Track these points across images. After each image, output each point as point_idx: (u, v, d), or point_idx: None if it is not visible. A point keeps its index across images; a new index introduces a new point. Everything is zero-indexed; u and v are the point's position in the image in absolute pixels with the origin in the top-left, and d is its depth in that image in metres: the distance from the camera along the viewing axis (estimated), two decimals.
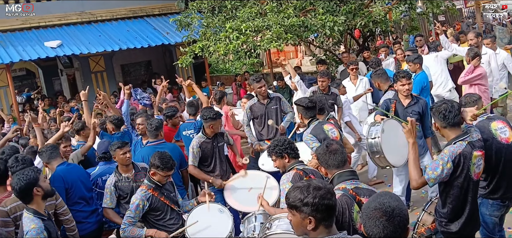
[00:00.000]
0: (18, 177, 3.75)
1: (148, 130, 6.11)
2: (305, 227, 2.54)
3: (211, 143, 5.77)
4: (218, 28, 10.92)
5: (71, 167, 5.37)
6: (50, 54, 12.73)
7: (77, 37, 13.77)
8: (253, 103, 6.80)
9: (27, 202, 3.77)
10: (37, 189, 3.74)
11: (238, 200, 5.20)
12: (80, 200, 5.20)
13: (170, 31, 14.29)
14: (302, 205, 2.52)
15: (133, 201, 4.50)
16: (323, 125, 5.17)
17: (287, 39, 9.44)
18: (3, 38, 13.25)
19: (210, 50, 10.29)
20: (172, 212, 4.67)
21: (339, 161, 3.43)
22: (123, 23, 15.04)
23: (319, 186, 2.58)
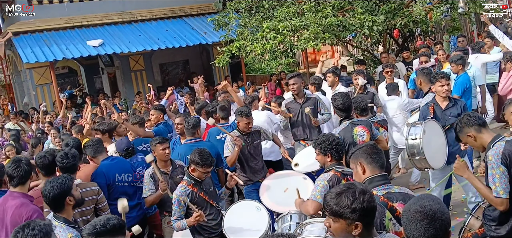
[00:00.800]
0: (51, 185, 3.64)
1: (186, 128, 6.18)
2: (350, 233, 2.48)
3: (245, 140, 5.79)
4: (255, 27, 10.96)
5: (115, 161, 5.46)
6: (92, 52, 13.12)
7: (118, 36, 14.12)
8: (289, 101, 6.76)
9: (57, 211, 3.66)
10: (69, 198, 3.65)
11: (273, 199, 5.16)
12: (123, 195, 5.22)
13: (207, 31, 14.46)
14: (349, 212, 2.45)
15: (174, 197, 4.59)
16: (354, 127, 5.09)
17: (324, 39, 9.37)
18: (47, 37, 13.74)
19: (247, 49, 10.33)
20: (211, 208, 4.73)
21: (378, 164, 3.36)
22: (162, 23, 15.32)
23: (363, 190, 2.52)
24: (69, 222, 3.63)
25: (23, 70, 15.80)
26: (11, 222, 3.99)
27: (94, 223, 2.81)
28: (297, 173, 5.49)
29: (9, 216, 4.01)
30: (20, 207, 4.03)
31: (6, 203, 4.12)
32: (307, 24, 9.37)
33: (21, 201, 4.10)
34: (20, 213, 3.96)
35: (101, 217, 2.89)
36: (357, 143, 4.94)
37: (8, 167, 4.24)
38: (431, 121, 5.20)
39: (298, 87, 6.57)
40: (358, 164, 3.38)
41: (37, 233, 2.79)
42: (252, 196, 5.55)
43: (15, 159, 4.37)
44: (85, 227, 2.84)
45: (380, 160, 3.36)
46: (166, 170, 5.27)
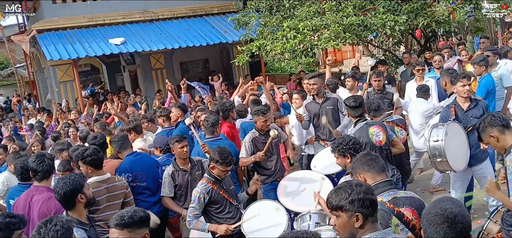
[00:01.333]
0: (64, 181, 3.64)
1: (205, 126, 6.19)
2: (352, 226, 2.55)
3: (263, 139, 5.79)
4: (275, 27, 10.95)
5: (139, 157, 5.52)
6: (114, 51, 13.27)
7: (140, 35, 14.26)
8: (308, 101, 6.71)
9: (68, 208, 3.66)
10: (81, 196, 3.64)
11: (291, 199, 5.15)
12: (145, 190, 5.35)
13: (228, 30, 14.51)
14: (348, 203, 2.54)
15: (194, 194, 4.60)
16: (369, 127, 5.02)
17: (345, 38, 9.30)
18: (70, 35, 13.96)
19: (267, 49, 10.33)
20: (230, 206, 4.73)
21: (376, 170, 3.35)
22: (183, 22, 15.43)
23: (360, 183, 2.64)
24: (80, 222, 3.63)
25: (46, 68, 16.08)
26: (39, 215, 4.04)
27: (121, 214, 2.93)
28: (315, 173, 5.46)
29: (37, 210, 4.08)
30: (48, 201, 4.11)
31: (31, 197, 4.19)
32: (327, 23, 9.32)
33: (48, 194, 4.18)
34: (48, 206, 4.04)
35: (127, 208, 3.01)
36: (373, 142, 4.88)
37: (33, 162, 4.31)
38: (453, 122, 5.12)
39: (318, 88, 6.49)
40: (359, 176, 3.40)
41: (59, 228, 2.83)
42: (270, 195, 5.54)
43: (39, 154, 4.45)
44: (113, 218, 2.95)
45: (377, 165, 3.36)
46: (185, 167, 5.30)
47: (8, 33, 24.59)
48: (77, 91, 13.63)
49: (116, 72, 19.22)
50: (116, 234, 2.91)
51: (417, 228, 3.10)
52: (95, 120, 9.35)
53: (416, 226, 3.10)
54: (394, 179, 4.83)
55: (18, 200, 4.35)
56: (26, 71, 23.55)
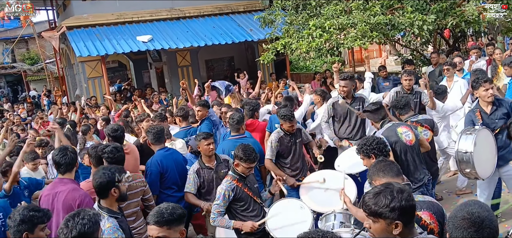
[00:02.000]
0: (102, 171, 3.75)
1: (230, 124, 6.22)
2: (390, 233, 2.47)
3: (289, 138, 5.79)
4: (301, 25, 10.90)
5: (170, 152, 5.60)
6: (142, 48, 13.47)
7: (167, 32, 14.43)
8: (336, 100, 6.69)
9: (101, 197, 3.75)
10: (115, 190, 3.72)
11: (313, 199, 5.10)
12: (173, 185, 5.44)
13: (253, 28, 14.54)
14: (388, 210, 2.44)
15: (219, 191, 4.61)
16: (398, 127, 4.95)
17: (372, 37, 9.19)
18: (99, 32, 14.22)
19: (293, 47, 10.30)
20: (255, 204, 4.73)
21: (391, 175, 3.34)
22: (210, 20, 15.53)
23: (401, 188, 2.51)
24: (112, 211, 3.71)
25: (76, 64, 16.43)
26: (63, 206, 4.11)
27: (161, 211, 2.92)
28: (338, 172, 5.42)
29: (61, 201, 4.13)
30: (72, 191, 4.17)
31: (56, 189, 4.25)
32: (354, 22, 9.24)
33: (72, 186, 4.26)
34: (73, 197, 4.10)
35: (166, 205, 2.99)
36: (404, 142, 4.82)
37: (56, 155, 4.36)
38: (483, 129, 4.97)
39: (348, 90, 6.52)
40: (375, 182, 3.40)
41: (87, 222, 2.88)
42: (292, 194, 5.51)
43: (62, 147, 4.49)
44: (151, 215, 2.92)
45: (392, 170, 3.38)
46: (211, 164, 5.34)
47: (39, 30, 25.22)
48: (105, 87, 13.87)
49: (143, 69, 19.49)
50: (155, 231, 2.90)
51: (436, 232, 3.07)
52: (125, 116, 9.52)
53: (434, 230, 3.07)
54: (426, 180, 4.78)
55: (42, 192, 4.44)
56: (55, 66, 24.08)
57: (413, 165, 4.77)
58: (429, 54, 11.72)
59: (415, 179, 4.70)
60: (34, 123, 12.21)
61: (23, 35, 29.44)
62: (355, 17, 9.38)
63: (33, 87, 28.44)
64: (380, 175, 3.39)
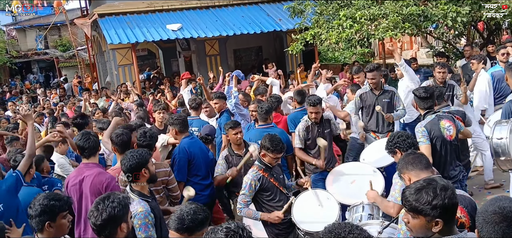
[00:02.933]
0: (131, 154, 3.81)
1: (258, 113, 6.23)
2: (430, 230, 2.42)
3: (316, 128, 5.76)
4: (331, 15, 10.77)
5: (194, 140, 5.66)
6: (171, 36, 13.57)
7: (196, 21, 14.49)
8: (364, 92, 6.61)
9: (133, 180, 3.80)
10: (145, 170, 3.78)
11: (339, 190, 5.08)
12: (199, 172, 5.48)
13: (282, 18, 14.45)
14: (430, 208, 2.39)
15: (245, 181, 4.63)
16: (441, 120, 4.84)
17: (404, 28, 9.00)
18: (130, 19, 14.39)
19: (322, 38, 10.21)
20: (281, 194, 4.72)
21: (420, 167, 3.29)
22: (239, 9, 15.51)
23: (445, 185, 2.45)
24: (143, 195, 3.76)
25: (106, 51, 16.69)
26: (91, 190, 4.18)
27: (181, 217, 2.78)
28: (366, 165, 5.37)
29: (89, 185, 4.20)
30: (99, 175, 4.23)
31: (82, 174, 4.31)
32: (386, 13, 9.07)
33: (98, 170, 4.32)
34: (99, 181, 4.15)
35: (188, 209, 2.83)
36: (444, 136, 4.72)
37: (79, 140, 4.40)
38: None
39: (376, 82, 6.41)
40: (404, 176, 3.38)
41: (116, 205, 2.93)
42: (318, 185, 5.49)
43: (85, 132, 4.54)
44: (173, 219, 2.81)
45: (421, 163, 3.34)
46: (240, 152, 5.39)
47: (71, 17, 25.73)
48: (135, 75, 14.06)
49: (171, 57, 19.66)
50: (176, 236, 2.81)
51: (467, 226, 3.01)
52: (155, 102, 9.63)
53: (465, 224, 3.01)
54: (461, 176, 4.70)
55: (69, 178, 4.49)
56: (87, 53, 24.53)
57: (449, 160, 4.70)
58: (462, 47, 11.45)
59: (450, 174, 4.62)
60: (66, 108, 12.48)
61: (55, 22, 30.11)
62: (387, 8, 9.21)
63: (64, 74, 29.08)
64: (409, 167, 3.36)
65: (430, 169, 3.40)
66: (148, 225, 3.60)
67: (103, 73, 19.24)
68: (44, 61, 33.72)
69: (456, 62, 10.75)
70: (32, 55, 32.75)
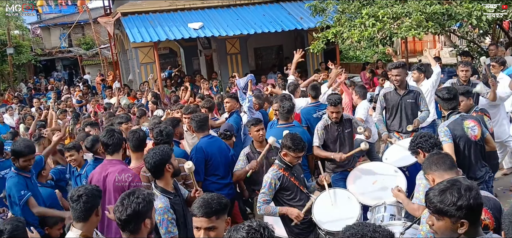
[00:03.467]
0: (154, 151, 3.87)
1: (280, 112, 6.22)
2: (455, 232, 2.40)
3: (336, 128, 5.72)
4: (353, 14, 10.70)
5: (213, 139, 5.66)
6: (193, 35, 13.65)
7: (217, 20, 14.55)
8: (388, 91, 6.53)
9: (157, 177, 3.89)
10: (168, 166, 3.85)
11: (360, 190, 5.04)
12: (217, 172, 5.48)
13: (304, 17, 14.40)
14: (455, 209, 2.37)
15: (266, 179, 4.60)
16: (464, 120, 4.77)
17: (427, 27, 8.88)
18: (152, 18, 14.53)
19: (344, 36, 10.14)
20: (301, 193, 4.70)
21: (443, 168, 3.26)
22: (260, 8, 15.51)
23: (469, 186, 2.42)
24: (165, 191, 3.84)
25: (129, 49, 16.89)
26: (114, 186, 4.27)
27: (207, 201, 2.89)
28: (388, 165, 5.32)
29: (112, 182, 4.28)
30: (122, 172, 4.31)
31: (106, 170, 4.40)
32: (409, 11, 8.96)
33: (121, 167, 4.40)
34: (122, 177, 4.24)
35: (210, 195, 2.98)
36: (468, 136, 4.66)
37: (103, 137, 4.51)
38: None
39: (401, 79, 6.31)
40: (428, 176, 3.36)
41: (141, 201, 2.98)
42: (339, 184, 5.46)
43: (109, 129, 4.66)
44: (198, 206, 2.90)
45: (445, 163, 3.31)
46: (261, 150, 5.39)
47: (94, 15, 26.12)
48: (157, 73, 14.20)
49: (192, 56, 19.77)
50: (204, 222, 2.87)
51: (491, 228, 2.97)
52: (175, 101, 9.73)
53: (489, 226, 2.97)
54: (487, 177, 4.63)
55: (92, 174, 4.58)
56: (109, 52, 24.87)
57: (474, 161, 4.63)
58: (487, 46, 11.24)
59: (476, 174, 4.55)
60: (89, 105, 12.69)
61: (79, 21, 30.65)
62: (410, 6, 9.10)
63: (87, 72, 29.53)
64: (433, 168, 3.34)
65: (455, 169, 3.36)
66: (167, 221, 3.69)
67: (126, 71, 19.47)
68: (68, 59, 34.35)
69: (480, 58, 10.56)
70: (56, 53, 33.40)
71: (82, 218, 3.24)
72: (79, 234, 3.25)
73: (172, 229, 3.72)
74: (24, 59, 29.40)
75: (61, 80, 29.53)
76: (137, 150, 4.81)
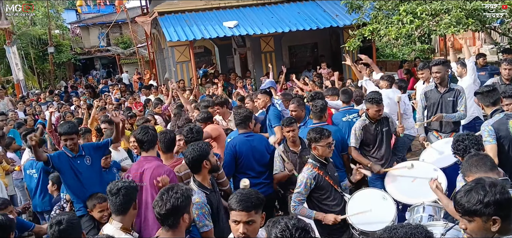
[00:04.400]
0: (192, 148, 3.96)
1: (313, 112, 6.17)
2: (488, 230, 2.35)
3: (374, 127, 5.64)
4: (390, 11, 10.54)
5: (250, 138, 5.59)
6: (227, 33, 13.75)
7: (252, 18, 14.60)
8: (429, 89, 6.40)
9: (194, 172, 4.00)
10: (206, 162, 3.94)
11: (398, 189, 4.94)
12: (249, 171, 5.42)
13: (339, 14, 14.27)
14: (483, 206, 2.34)
15: (301, 179, 4.59)
16: (509, 120, 4.61)
17: (467, 24, 8.67)
18: (188, 17, 14.72)
19: (381, 33, 10.01)
20: (335, 192, 4.68)
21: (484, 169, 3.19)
22: (295, 6, 15.46)
23: (493, 182, 2.40)
24: (202, 186, 3.93)
25: (165, 48, 17.15)
26: (150, 182, 4.33)
27: (246, 196, 2.93)
28: (426, 164, 5.22)
29: (148, 178, 4.35)
30: (157, 168, 4.38)
31: (142, 166, 4.48)
32: (449, 8, 8.76)
33: (157, 163, 4.48)
34: (158, 173, 4.29)
35: (247, 191, 3.03)
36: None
37: (138, 134, 4.59)
38: None
39: (441, 76, 6.17)
40: (468, 179, 3.28)
41: (180, 196, 3.05)
42: (376, 184, 5.39)
43: (144, 126, 4.73)
44: (236, 201, 2.93)
45: (485, 164, 3.25)
46: (295, 149, 5.37)
47: (132, 15, 26.68)
48: (192, 71, 14.37)
49: (227, 54, 19.90)
50: (244, 216, 2.88)
51: None
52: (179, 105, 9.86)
53: None
54: None
55: (129, 170, 4.67)
56: (146, 51, 25.33)
57: None
58: None
59: None
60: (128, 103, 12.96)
61: (117, 20, 31.36)
62: (449, 3, 8.90)
63: (125, 70, 30.18)
64: (473, 170, 3.28)
65: (496, 170, 3.28)
66: (204, 214, 3.78)
67: (162, 70, 19.78)
68: (106, 58, 35.25)
69: None
70: (95, 52, 34.33)
71: (121, 211, 3.34)
72: (120, 227, 3.36)
73: (208, 222, 3.80)
74: (64, 58, 30.37)
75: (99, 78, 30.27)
76: (167, 150, 4.89)
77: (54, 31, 30.69)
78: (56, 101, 14.90)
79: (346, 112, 6.77)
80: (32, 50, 26.90)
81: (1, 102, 14.68)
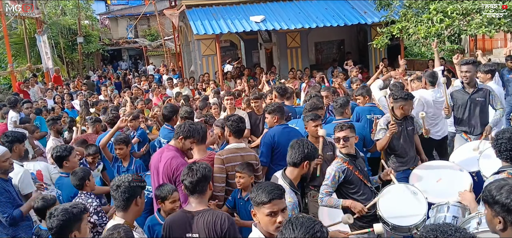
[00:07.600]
0: (301, 143, 3.74)
1: (334, 108, 6.15)
2: (494, 226, 2.47)
3: (399, 125, 5.58)
4: (420, 9, 10.36)
5: (287, 130, 5.69)
6: (254, 28, 13.75)
7: (278, 13, 14.56)
8: (456, 89, 6.28)
9: (291, 169, 3.78)
10: (306, 164, 3.69)
11: (423, 187, 4.85)
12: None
13: (368, 11, 14.11)
14: (493, 202, 2.45)
15: (329, 171, 4.59)
16: None
17: (500, 25, 8.46)
18: (215, 11, 14.77)
19: (410, 32, 9.85)
20: (365, 187, 4.66)
21: None
22: (322, 1, 15.35)
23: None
24: (293, 185, 3.71)
25: (192, 41, 17.28)
26: (163, 170, 4.49)
27: (271, 188, 2.91)
28: (453, 164, 5.13)
29: (162, 165, 4.51)
30: (172, 159, 4.48)
31: (162, 153, 4.65)
32: (480, 7, 8.56)
33: (173, 153, 4.56)
34: (171, 164, 4.44)
35: (266, 182, 3.10)
36: None
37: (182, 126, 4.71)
38: None
39: (470, 76, 6.05)
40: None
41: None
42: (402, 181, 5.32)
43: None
44: (264, 194, 2.89)
45: None
46: (317, 145, 5.35)
47: (160, 8, 26.93)
48: (218, 65, 14.43)
49: (253, 49, 19.92)
50: (282, 204, 2.89)
51: None
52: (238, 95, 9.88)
53: None
54: None
55: (154, 155, 4.87)
56: (173, 43, 25.56)
57: None
58: None
59: None
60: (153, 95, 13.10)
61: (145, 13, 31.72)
62: (481, 2, 8.69)
63: (151, 62, 30.54)
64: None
65: None
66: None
67: (188, 62, 19.94)
68: (133, 49, 35.72)
69: None
70: (122, 43, 34.83)
71: (122, 207, 3.38)
72: (122, 223, 3.38)
73: None
74: (92, 48, 30.92)
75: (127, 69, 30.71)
76: (200, 142, 4.93)
77: (83, 21, 31.24)
78: (84, 90, 15.15)
79: (371, 110, 6.71)
80: (61, 39, 27.46)
81: (32, 90, 15.05)
